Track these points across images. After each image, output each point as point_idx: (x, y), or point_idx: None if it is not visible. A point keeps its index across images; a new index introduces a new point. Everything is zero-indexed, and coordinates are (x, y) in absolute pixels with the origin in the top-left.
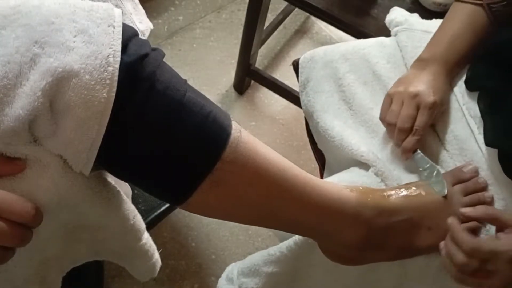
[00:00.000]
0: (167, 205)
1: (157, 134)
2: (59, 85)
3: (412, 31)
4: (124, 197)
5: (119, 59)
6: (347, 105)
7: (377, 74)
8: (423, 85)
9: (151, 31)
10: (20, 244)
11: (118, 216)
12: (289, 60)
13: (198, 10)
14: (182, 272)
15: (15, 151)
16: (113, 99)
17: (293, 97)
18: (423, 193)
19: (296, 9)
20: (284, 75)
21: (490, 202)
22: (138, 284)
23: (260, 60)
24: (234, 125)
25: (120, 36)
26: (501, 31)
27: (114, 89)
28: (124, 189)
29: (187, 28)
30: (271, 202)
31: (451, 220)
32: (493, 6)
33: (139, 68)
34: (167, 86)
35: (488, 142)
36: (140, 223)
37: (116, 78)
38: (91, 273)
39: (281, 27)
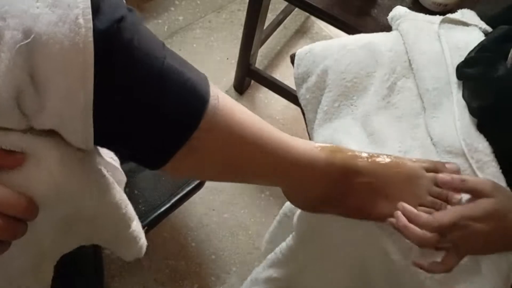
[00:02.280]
0: (167, 205)
1: (136, 104)
2: (32, 58)
3: (414, 20)
4: (118, 187)
5: (90, 17)
6: (349, 100)
7: (379, 62)
8: None
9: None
10: (14, 238)
11: (112, 206)
12: (289, 60)
13: (198, 10)
14: (182, 272)
15: (11, 144)
16: (92, 61)
17: (293, 97)
18: (393, 164)
19: (296, 9)
20: (284, 75)
21: (455, 204)
22: (138, 284)
23: (260, 60)
24: (212, 91)
25: None
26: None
27: (91, 51)
28: (118, 176)
29: (187, 28)
30: (244, 163)
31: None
32: None
33: (116, 36)
34: (146, 54)
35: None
36: (131, 211)
37: (90, 39)
38: (91, 273)
39: (281, 27)
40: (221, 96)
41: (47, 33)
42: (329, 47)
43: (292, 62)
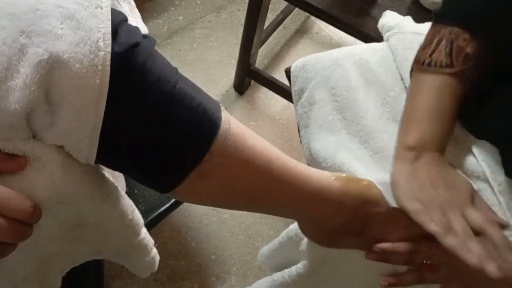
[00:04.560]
0: (167, 205)
1: (148, 127)
2: (51, 76)
3: (402, 34)
4: (122, 192)
5: (109, 42)
6: (341, 114)
7: (369, 80)
8: (446, 190)
9: (151, 31)
10: (18, 240)
11: (117, 212)
12: (289, 60)
13: (198, 10)
14: (182, 272)
15: (14, 148)
16: (107, 84)
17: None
18: None
19: (296, 9)
20: (284, 75)
21: None
22: (138, 284)
23: (260, 60)
24: (224, 116)
25: (109, 17)
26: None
27: (108, 74)
28: (120, 184)
29: (187, 28)
30: (257, 192)
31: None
32: (466, 72)
33: (130, 59)
34: (158, 78)
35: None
36: (139, 218)
37: (108, 63)
38: (91, 273)
39: (281, 27)
40: (233, 121)
41: (68, 51)
42: (320, 61)
43: (287, 76)
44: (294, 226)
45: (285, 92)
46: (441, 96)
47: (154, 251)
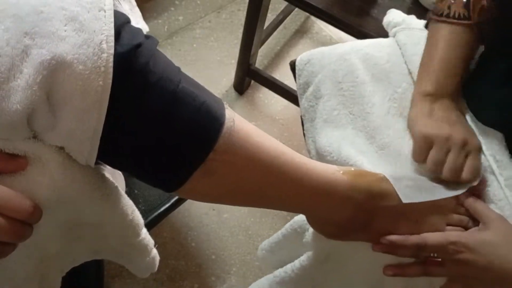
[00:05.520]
0: (167, 205)
1: (151, 126)
2: (54, 77)
3: (410, 30)
4: (122, 192)
5: (112, 44)
6: (347, 109)
7: (376, 75)
8: (462, 128)
9: (151, 31)
10: (19, 240)
11: (117, 212)
12: (289, 60)
13: (198, 10)
14: (182, 272)
15: (14, 147)
16: (109, 86)
17: (293, 97)
18: None
19: (296, 9)
20: (284, 75)
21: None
22: (138, 284)
23: (260, 60)
24: (228, 113)
25: (112, 20)
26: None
27: (110, 76)
28: (120, 184)
29: (187, 28)
30: (263, 188)
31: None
32: (482, 25)
33: (132, 59)
34: (161, 77)
35: None
36: (139, 218)
37: (111, 65)
38: (91, 273)
39: (281, 27)
40: (237, 119)
41: (71, 53)
42: (327, 55)
43: (292, 69)
44: (298, 218)
45: (285, 92)
46: (456, 48)
47: (154, 251)
